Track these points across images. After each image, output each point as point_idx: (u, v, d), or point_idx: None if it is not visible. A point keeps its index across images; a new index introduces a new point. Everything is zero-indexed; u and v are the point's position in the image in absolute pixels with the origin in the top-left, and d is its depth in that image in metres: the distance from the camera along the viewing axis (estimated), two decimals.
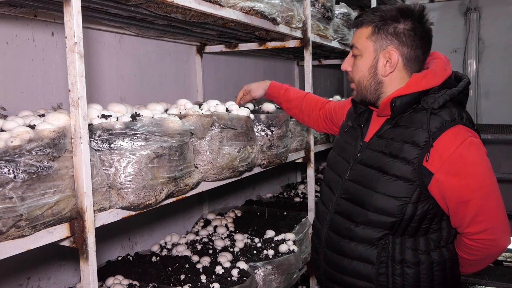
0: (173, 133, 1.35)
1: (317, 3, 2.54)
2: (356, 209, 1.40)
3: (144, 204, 1.27)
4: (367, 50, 1.39)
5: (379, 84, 1.40)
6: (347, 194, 1.44)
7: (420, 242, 1.36)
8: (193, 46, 2.65)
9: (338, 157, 1.56)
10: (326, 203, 1.53)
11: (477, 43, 5.00)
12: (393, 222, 1.33)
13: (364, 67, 1.40)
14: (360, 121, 1.52)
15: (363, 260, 1.39)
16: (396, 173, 1.32)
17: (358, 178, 1.42)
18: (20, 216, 0.95)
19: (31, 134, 0.99)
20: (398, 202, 1.31)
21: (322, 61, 4.01)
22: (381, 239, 1.36)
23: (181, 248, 2.15)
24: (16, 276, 1.67)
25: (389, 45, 1.36)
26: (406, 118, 1.37)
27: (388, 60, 1.36)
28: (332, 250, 1.48)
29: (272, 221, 2.59)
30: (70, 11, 1.02)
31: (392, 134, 1.37)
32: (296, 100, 1.97)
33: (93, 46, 1.99)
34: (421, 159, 1.29)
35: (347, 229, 1.42)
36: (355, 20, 1.44)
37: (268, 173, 3.41)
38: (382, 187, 1.34)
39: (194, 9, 1.53)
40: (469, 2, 5.03)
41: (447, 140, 1.27)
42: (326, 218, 1.51)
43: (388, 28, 1.35)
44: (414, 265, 1.35)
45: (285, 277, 2.09)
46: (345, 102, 1.81)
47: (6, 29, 1.60)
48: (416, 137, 1.31)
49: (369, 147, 1.43)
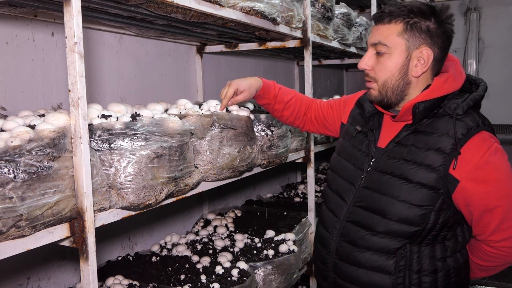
0: (173, 133, 1.35)
1: (317, 3, 2.54)
2: (375, 218, 1.34)
3: (144, 204, 1.27)
4: (398, 48, 1.30)
5: (406, 85, 1.33)
6: (362, 202, 1.38)
7: (437, 250, 1.32)
8: (193, 46, 2.65)
9: (346, 163, 1.48)
10: (335, 211, 1.46)
11: (477, 43, 5.00)
12: (415, 231, 1.28)
13: (395, 66, 1.31)
14: (371, 126, 1.44)
15: (379, 271, 1.33)
16: (421, 180, 1.27)
17: (375, 185, 1.35)
18: (20, 216, 0.95)
19: (31, 134, 0.99)
20: (422, 210, 1.27)
21: (322, 61, 4.01)
22: (400, 248, 1.31)
23: (181, 248, 2.15)
24: (16, 276, 1.67)
25: (422, 44, 1.29)
26: (428, 124, 1.31)
27: (419, 60, 1.30)
28: (344, 260, 1.41)
29: (272, 221, 2.59)
30: (70, 11, 1.02)
31: (413, 140, 1.32)
32: (290, 101, 1.76)
33: (93, 46, 1.99)
34: (447, 166, 1.24)
35: (362, 239, 1.36)
36: (380, 14, 1.33)
37: (268, 173, 3.41)
38: (405, 195, 1.28)
39: (194, 9, 1.53)
40: (469, 2, 5.03)
41: (473, 147, 1.23)
42: (336, 227, 1.43)
43: (421, 26, 1.28)
44: (431, 273, 1.31)
45: (285, 277, 2.09)
46: (340, 103, 1.70)
47: (6, 29, 1.60)
48: (441, 144, 1.26)
49: (387, 153, 1.36)
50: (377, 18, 1.35)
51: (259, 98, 1.75)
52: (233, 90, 1.66)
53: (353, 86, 5.36)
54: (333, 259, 1.44)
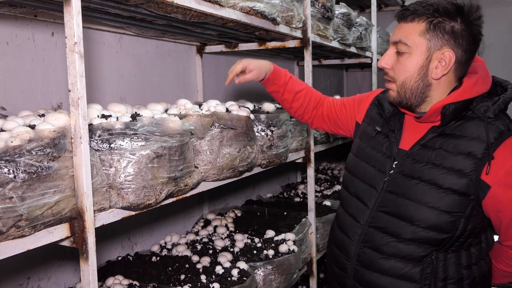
0: (173, 133, 1.35)
1: (317, 3, 2.54)
2: (401, 224, 1.29)
3: (144, 204, 1.27)
4: (418, 48, 1.25)
5: (426, 87, 1.27)
6: (387, 207, 1.32)
7: (463, 257, 1.29)
8: (193, 46, 2.65)
9: (365, 165, 1.42)
10: (355, 215, 1.40)
11: None
12: (444, 239, 1.24)
13: (414, 67, 1.26)
14: (392, 126, 1.38)
15: (405, 279, 1.29)
16: (452, 186, 1.22)
17: (400, 190, 1.30)
18: (20, 216, 0.95)
19: (31, 134, 0.99)
20: (451, 217, 1.23)
21: (322, 61, 4.01)
22: (427, 255, 1.28)
23: (181, 248, 2.15)
24: (16, 276, 1.67)
25: (445, 45, 1.23)
26: (457, 126, 1.26)
27: (440, 61, 1.24)
28: (366, 267, 1.36)
29: (272, 221, 2.59)
30: (70, 11, 1.02)
31: (440, 144, 1.27)
32: (300, 92, 1.71)
33: (93, 46, 1.99)
34: (479, 171, 1.20)
35: (387, 245, 1.31)
36: (404, 12, 1.28)
37: (268, 173, 3.41)
38: (434, 201, 1.24)
39: (194, 9, 1.53)
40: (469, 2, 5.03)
41: (506, 152, 1.20)
42: (356, 232, 1.38)
43: (445, 26, 1.22)
44: (457, 281, 1.28)
45: (285, 277, 2.09)
46: (355, 101, 1.64)
47: (6, 29, 1.60)
48: (473, 148, 1.21)
49: (411, 156, 1.31)
50: (400, 15, 1.29)
51: (269, 84, 1.71)
52: (242, 67, 1.63)
53: (353, 86, 5.36)
54: (353, 265, 1.39)
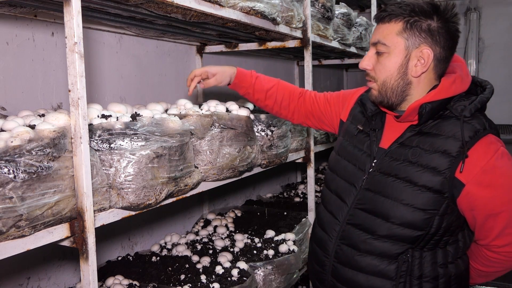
0: (173, 133, 1.35)
1: (317, 3, 2.54)
2: (377, 221, 1.30)
3: (144, 204, 1.27)
4: (397, 47, 1.27)
5: (407, 85, 1.29)
6: (364, 204, 1.34)
7: (439, 255, 1.30)
8: (193, 46, 2.65)
9: (346, 163, 1.44)
10: (334, 212, 1.42)
11: (477, 43, 5.00)
12: (418, 236, 1.26)
13: (393, 66, 1.28)
14: (373, 125, 1.40)
15: (380, 276, 1.31)
16: (426, 184, 1.24)
17: (378, 188, 1.32)
18: (20, 216, 0.95)
19: (31, 134, 0.99)
20: (426, 214, 1.24)
21: (322, 61, 4.01)
22: (402, 253, 1.29)
23: (181, 248, 2.15)
24: (16, 276, 1.67)
25: (423, 43, 1.25)
26: (434, 125, 1.28)
27: (419, 59, 1.26)
28: (343, 264, 1.38)
29: (272, 221, 2.59)
30: (70, 11, 1.02)
31: (417, 142, 1.29)
32: (270, 90, 1.71)
33: (93, 46, 1.99)
34: (453, 169, 1.22)
35: (364, 242, 1.33)
36: (381, 14, 1.31)
37: (268, 173, 3.41)
38: (409, 199, 1.25)
39: (194, 9, 1.53)
40: (469, 2, 5.03)
41: (481, 151, 1.21)
42: (335, 229, 1.40)
43: (422, 25, 1.24)
44: (433, 279, 1.29)
45: (285, 277, 2.09)
46: (339, 98, 1.65)
47: (6, 29, 1.60)
48: (448, 146, 1.23)
49: (389, 154, 1.33)
50: (378, 17, 1.32)
51: (237, 88, 1.73)
52: (201, 73, 1.67)
53: (353, 86, 5.36)
54: (331, 262, 1.41)
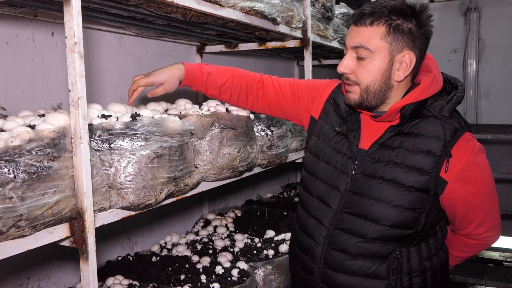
0: (173, 133, 1.35)
1: (317, 3, 2.54)
2: (366, 224, 1.29)
3: (144, 204, 1.27)
4: (381, 52, 1.24)
5: (388, 89, 1.28)
6: (351, 208, 1.32)
7: (423, 249, 1.33)
8: (193, 46, 2.65)
9: (325, 165, 1.40)
10: (319, 217, 1.38)
11: (477, 43, 5.00)
12: (408, 235, 1.27)
13: (378, 71, 1.25)
14: (351, 126, 1.38)
15: (373, 277, 1.31)
16: (414, 184, 1.24)
17: (363, 190, 1.30)
18: (20, 216, 0.95)
19: (31, 134, 0.99)
20: (414, 213, 1.26)
21: (322, 61, 4.01)
22: (392, 252, 1.30)
23: (181, 248, 2.15)
24: (16, 276, 1.67)
25: (405, 47, 1.24)
26: (414, 125, 1.29)
27: (401, 64, 1.25)
28: (334, 269, 1.35)
29: (272, 221, 2.59)
30: (70, 11, 1.02)
31: (400, 143, 1.28)
32: (224, 85, 1.60)
33: (93, 46, 1.99)
34: (438, 169, 1.23)
35: (354, 246, 1.31)
36: (360, 17, 1.25)
37: (268, 173, 3.41)
38: (398, 200, 1.26)
39: (194, 9, 1.53)
40: (469, 2, 5.03)
41: (461, 149, 1.23)
42: (322, 235, 1.37)
43: (404, 29, 1.23)
44: (421, 273, 1.32)
45: (285, 277, 2.09)
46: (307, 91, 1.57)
47: (6, 29, 1.60)
48: (431, 146, 1.24)
49: (371, 156, 1.31)
50: (357, 19, 1.26)
51: (189, 86, 1.62)
52: (146, 82, 1.50)
53: None
54: (321, 268, 1.38)
